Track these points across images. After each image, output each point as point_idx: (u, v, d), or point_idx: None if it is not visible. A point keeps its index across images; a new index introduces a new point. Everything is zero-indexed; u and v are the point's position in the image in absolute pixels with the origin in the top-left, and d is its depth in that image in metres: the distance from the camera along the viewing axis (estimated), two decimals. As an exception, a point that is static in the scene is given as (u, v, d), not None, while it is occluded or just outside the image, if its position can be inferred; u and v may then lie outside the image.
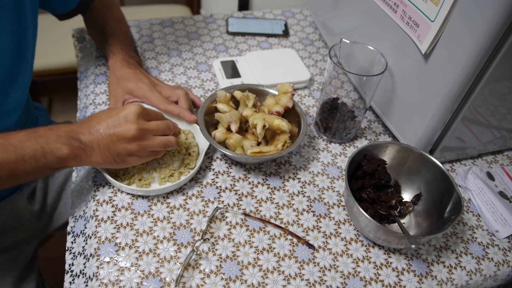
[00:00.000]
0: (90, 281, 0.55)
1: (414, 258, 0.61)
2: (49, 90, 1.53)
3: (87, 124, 0.56)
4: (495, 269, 0.62)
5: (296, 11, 1.08)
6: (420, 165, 0.64)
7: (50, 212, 0.89)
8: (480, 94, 0.60)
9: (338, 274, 0.58)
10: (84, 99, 0.81)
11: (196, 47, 0.92)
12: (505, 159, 0.78)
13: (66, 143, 0.54)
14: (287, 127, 0.65)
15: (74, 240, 0.61)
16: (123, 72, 0.73)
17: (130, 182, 0.63)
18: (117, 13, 0.85)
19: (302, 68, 0.87)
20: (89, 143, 0.55)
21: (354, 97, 0.68)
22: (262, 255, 0.59)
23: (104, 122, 0.56)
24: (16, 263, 0.79)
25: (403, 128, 0.71)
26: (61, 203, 0.90)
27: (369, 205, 0.63)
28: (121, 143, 0.56)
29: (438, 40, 0.58)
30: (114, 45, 0.77)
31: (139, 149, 0.57)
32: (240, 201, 0.65)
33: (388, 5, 0.67)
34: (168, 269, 0.56)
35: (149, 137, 0.58)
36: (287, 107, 0.69)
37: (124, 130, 0.55)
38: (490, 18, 0.51)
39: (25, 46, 0.67)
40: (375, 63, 0.68)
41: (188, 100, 0.72)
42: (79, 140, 0.55)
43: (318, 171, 0.70)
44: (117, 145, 0.56)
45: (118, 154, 0.56)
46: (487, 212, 0.67)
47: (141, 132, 0.57)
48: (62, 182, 0.89)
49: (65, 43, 1.46)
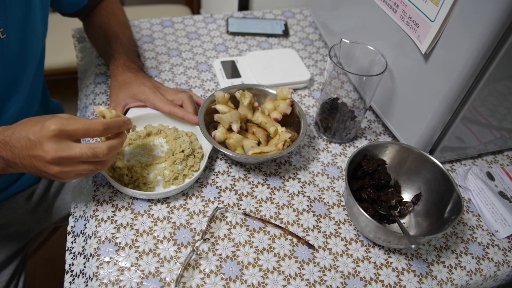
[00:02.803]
0: (90, 281, 0.55)
1: (414, 258, 0.61)
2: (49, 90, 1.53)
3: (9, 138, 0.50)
4: (495, 269, 0.62)
5: (296, 11, 1.08)
6: (420, 165, 0.64)
7: (47, 207, 0.89)
8: (480, 94, 0.60)
9: (338, 274, 0.58)
10: (84, 99, 0.81)
11: (196, 47, 0.92)
12: (505, 159, 0.78)
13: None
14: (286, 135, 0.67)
15: (74, 240, 0.61)
16: (124, 76, 0.72)
17: (134, 186, 0.63)
18: (122, 18, 0.85)
19: (302, 68, 0.87)
20: (12, 159, 0.50)
21: (354, 97, 0.68)
22: (262, 255, 0.59)
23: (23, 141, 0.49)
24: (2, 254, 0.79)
25: (403, 128, 0.71)
26: (59, 198, 0.90)
27: (369, 205, 0.63)
28: (42, 167, 0.50)
29: (438, 40, 0.58)
30: (116, 50, 0.77)
31: (60, 174, 0.51)
32: (240, 201, 0.65)
33: (388, 5, 0.67)
34: (168, 269, 0.56)
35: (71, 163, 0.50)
36: (285, 113, 0.70)
37: (41, 155, 0.49)
38: (490, 18, 0.51)
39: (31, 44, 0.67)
40: (375, 63, 0.68)
41: (193, 104, 0.71)
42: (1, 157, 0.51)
43: (318, 171, 0.71)
44: (38, 168, 0.50)
45: (42, 173, 0.51)
46: (487, 212, 0.67)
47: (58, 160, 0.49)
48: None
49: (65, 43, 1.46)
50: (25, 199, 0.82)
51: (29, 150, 0.49)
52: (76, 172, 0.51)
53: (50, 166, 0.50)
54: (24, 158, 0.50)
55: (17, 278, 0.83)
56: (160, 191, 0.62)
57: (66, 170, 0.50)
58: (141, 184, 0.63)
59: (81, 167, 0.51)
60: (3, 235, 0.80)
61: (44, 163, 0.49)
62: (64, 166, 0.50)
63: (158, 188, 0.64)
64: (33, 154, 0.49)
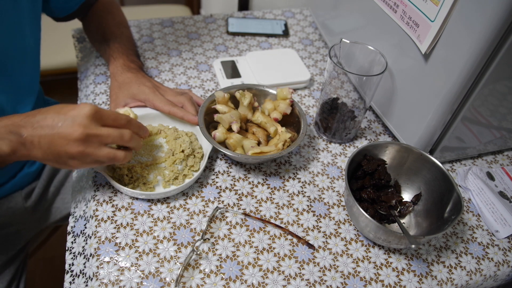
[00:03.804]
0: (90, 281, 0.55)
1: (414, 258, 0.61)
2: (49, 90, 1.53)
3: (32, 117, 0.52)
4: (495, 269, 0.62)
5: (296, 11, 1.08)
6: (420, 165, 0.64)
7: (47, 207, 0.89)
8: (480, 94, 0.60)
9: (338, 274, 0.58)
10: (84, 99, 0.81)
11: (196, 47, 0.92)
12: (505, 159, 0.78)
13: (4, 137, 0.50)
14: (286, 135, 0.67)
15: (74, 240, 0.61)
16: (124, 77, 0.72)
17: (134, 186, 0.63)
18: (119, 18, 0.84)
19: (302, 68, 0.87)
20: (30, 137, 0.50)
21: (354, 97, 0.68)
22: (262, 255, 0.59)
23: (50, 118, 0.51)
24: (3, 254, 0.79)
25: (403, 128, 0.71)
26: (58, 198, 0.89)
27: (369, 205, 0.63)
28: (63, 145, 0.50)
29: (438, 40, 0.58)
30: (115, 50, 0.76)
31: (81, 155, 0.51)
32: (240, 201, 0.65)
33: (388, 5, 0.67)
34: (168, 269, 0.56)
35: (94, 144, 0.52)
36: (285, 113, 0.70)
37: (68, 132, 0.50)
38: (490, 18, 0.51)
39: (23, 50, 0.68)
40: (375, 63, 0.68)
41: (193, 105, 0.71)
42: (19, 134, 0.51)
43: (318, 171, 0.71)
44: (59, 146, 0.50)
45: (59, 155, 0.51)
46: (487, 212, 0.67)
47: (86, 137, 0.50)
48: (62, 178, 0.89)
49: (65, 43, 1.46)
50: (24, 198, 0.82)
51: (54, 128, 0.50)
52: (96, 157, 0.52)
53: (74, 145, 0.50)
54: (44, 136, 0.50)
55: (18, 279, 0.83)
56: (160, 191, 0.62)
57: (88, 152, 0.51)
58: (141, 184, 0.63)
59: (103, 151, 0.52)
60: (3, 235, 0.80)
61: (68, 141, 0.50)
62: (88, 145, 0.51)
63: (158, 188, 0.64)
64: (58, 132, 0.50)
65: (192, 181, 0.63)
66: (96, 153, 0.52)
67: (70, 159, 0.52)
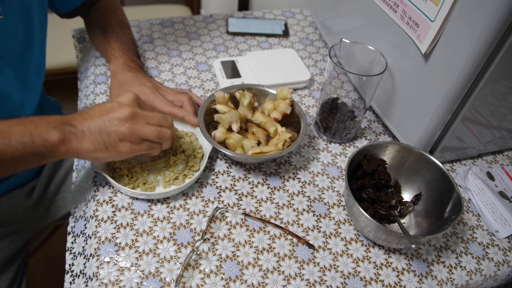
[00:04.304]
0: (90, 281, 0.55)
1: (414, 258, 0.61)
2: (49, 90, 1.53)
3: (80, 112, 0.56)
4: (495, 269, 0.62)
5: (296, 11, 1.08)
6: (420, 165, 0.64)
7: (47, 205, 0.89)
8: (480, 94, 0.60)
9: (338, 274, 0.58)
10: (84, 100, 0.81)
11: (196, 47, 0.92)
12: (505, 159, 0.78)
13: (56, 127, 0.52)
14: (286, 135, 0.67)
15: (74, 240, 0.61)
16: (124, 76, 0.72)
17: (135, 186, 0.63)
18: (121, 17, 0.85)
19: (302, 68, 0.87)
20: (81, 127, 0.53)
21: (354, 97, 0.68)
22: (262, 255, 0.59)
23: (98, 108, 0.55)
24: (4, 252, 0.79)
25: (403, 128, 0.71)
26: (59, 197, 0.90)
27: (369, 205, 0.63)
28: (113, 126, 0.53)
29: (438, 40, 0.58)
30: (116, 49, 0.77)
31: (130, 132, 0.54)
32: (240, 201, 0.65)
33: (388, 5, 0.67)
34: (168, 269, 0.56)
35: (142, 121, 0.56)
36: (285, 113, 0.70)
37: (117, 113, 0.54)
38: (490, 18, 0.51)
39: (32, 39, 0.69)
40: (375, 63, 0.68)
41: (193, 105, 0.71)
42: (71, 125, 0.53)
43: (318, 171, 0.71)
44: (109, 128, 0.53)
45: (109, 137, 0.54)
46: (487, 212, 0.67)
47: (134, 115, 0.55)
48: (63, 176, 0.89)
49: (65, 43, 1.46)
50: (25, 195, 0.83)
51: (103, 113, 0.54)
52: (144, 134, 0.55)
53: (123, 123, 0.54)
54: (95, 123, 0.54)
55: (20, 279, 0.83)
56: (160, 191, 0.62)
57: (137, 128, 0.55)
58: (141, 184, 0.63)
59: (150, 128, 0.56)
60: (4, 233, 0.80)
61: (118, 120, 0.54)
62: (136, 122, 0.55)
63: (158, 188, 0.64)
64: (108, 115, 0.54)
65: (192, 181, 0.63)
66: (145, 129, 0.55)
67: (120, 141, 0.54)
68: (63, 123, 0.53)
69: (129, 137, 0.54)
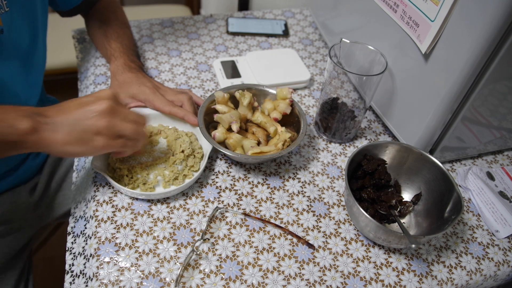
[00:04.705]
0: (90, 281, 0.55)
1: (414, 258, 0.61)
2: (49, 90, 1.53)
3: (54, 105, 0.54)
4: (495, 269, 0.62)
5: (296, 11, 1.08)
6: (420, 165, 0.64)
7: (49, 203, 0.89)
8: (480, 94, 0.60)
9: (338, 274, 0.58)
10: (84, 99, 0.81)
11: (196, 47, 0.92)
12: (505, 159, 0.78)
13: (27, 116, 0.50)
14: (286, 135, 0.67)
15: (74, 240, 0.61)
16: (125, 76, 0.72)
17: (135, 186, 0.63)
18: (122, 18, 0.85)
19: (302, 68, 0.87)
20: (55, 117, 0.51)
21: (354, 97, 0.68)
22: (262, 255, 0.59)
23: (75, 101, 0.53)
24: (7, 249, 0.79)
25: (403, 128, 0.71)
26: (60, 194, 0.90)
27: (369, 205, 0.63)
28: (90, 119, 0.52)
29: (438, 40, 0.58)
30: (117, 49, 0.77)
31: (108, 126, 0.52)
32: (240, 201, 0.65)
33: (388, 5, 0.67)
34: (168, 269, 0.56)
35: (120, 117, 0.54)
36: (285, 113, 0.70)
37: (96, 106, 0.52)
38: (490, 18, 0.51)
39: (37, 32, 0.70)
40: (375, 63, 0.68)
41: (192, 105, 0.71)
42: (44, 115, 0.51)
43: (318, 171, 0.70)
44: (85, 120, 0.52)
45: (85, 130, 0.52)
46: (487, 212, 0.67)
47: (113, 109, 0.53)
48: (64, 174, 0.90)
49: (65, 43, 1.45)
50: (28, 193, 0.83)
51: (80, 106, 0.52)
52: (122, 129, 0.54)
53: (101, 116, 0.52)
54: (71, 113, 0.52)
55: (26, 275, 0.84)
56: (160, 191, 0.62)
57: (115, 123, 0.53)
58: (141, 184, 0.63)
59: (128, 124, 0.55)
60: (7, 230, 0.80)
61: (96, 113, 0.52)
62: (114, 117, 0.53)
63: (158, 188, 0.64)
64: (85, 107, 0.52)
65: (192, 181, 0.63)
66: (123, 125, 0.54)
67: (96, 135, 0.52)
68: (35, 113, 0.51)
69: (106, 131, 0.53)
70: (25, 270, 0.83)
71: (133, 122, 0.56)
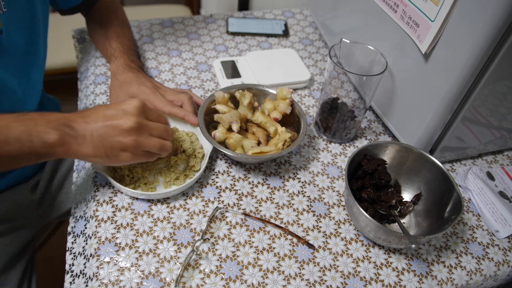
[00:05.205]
0: (90, 281, 0.55)
1: (414, 258, 0.61)
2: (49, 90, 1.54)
3: (82, 113, 0.54)
4: (495, 269, 0.62)
5: (296, 11, 1.08)
6: (420, 165, 0.64)
7: (51, 201, 0.89)
8: (480, 94, 0.60)
9: (338, 274, 0.58)
10: (84, 100, 0.81)
11: (196, 47, 0.92)
12: (505, 159, 0.78)
13: (56, 128, 0.51)
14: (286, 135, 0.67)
15: (75, 240, 0.61)
16: (125, 76, 0.72)
17: (136, 186, 0.63)
18: (122, 17, 0.85)
19: (302, 68, 0.87)
20: (82, 131, 0.52)
21: (354, 97, 0.68)
22: (262, 255, 0.59)
23: (101, 112, 0.53)
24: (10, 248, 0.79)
25: (403, 128, 0.71)
26: (62, 192, 0.90)
27: (369, 205, 0.63)
28: (117, 136, 0.52)
29: (438, 40, 0.58)
30: (117, 49, 0.77)
31: (134, 145, 0.53)
32: (240, 201, 0.65)
33: (388, 5, 0.67)
34: (168, 269, 0.56)
35: (146, 134, 0.55)
36: (285, 113, 0.70)
37: (122, 122, 0.52)
38: (490, 18, 0.51)
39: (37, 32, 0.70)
40: (375, 63, 0.68)
41: (192, 105, 0.71)
42: (71, 127, 0.52)
43: (318, 171, 0.71)
44: (112, 137, 0.52)
45: (112, 147, 0.53)
46: (487, 212, 0.67)
47: (139, 126, 0.53)
48: (65, 172, 0.89)
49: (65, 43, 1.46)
50: (30, 191, 0.83)
51: (107, 120, 0.53)
52: (148, 146, 0.55)
53: (127, 134, 0.53)
54: (98, 129, 0.52)
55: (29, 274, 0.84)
56: (161, 191, 0.62)
57: (141, 140, 0.54)
58: (141, 184, 0.63)
59: (154, 140, 0.56)
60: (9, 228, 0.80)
61: (122, 131, 0.52)
62: (140, 134, 0.54)
63: (159, 188, 0.64)
64: (111, 123, 0.52)
65: (192, 181, 0.63)
66: (148, 142, 0.55)
67: (122, 151, 0.53)
68: (63, 124, 0.52)
69: (132, 148, 0.54)
70: (28, 269, 0.84)
71: (159, 137, 0.57)
